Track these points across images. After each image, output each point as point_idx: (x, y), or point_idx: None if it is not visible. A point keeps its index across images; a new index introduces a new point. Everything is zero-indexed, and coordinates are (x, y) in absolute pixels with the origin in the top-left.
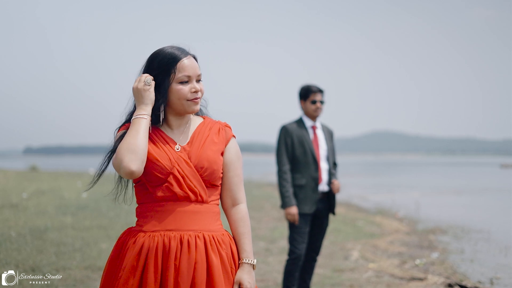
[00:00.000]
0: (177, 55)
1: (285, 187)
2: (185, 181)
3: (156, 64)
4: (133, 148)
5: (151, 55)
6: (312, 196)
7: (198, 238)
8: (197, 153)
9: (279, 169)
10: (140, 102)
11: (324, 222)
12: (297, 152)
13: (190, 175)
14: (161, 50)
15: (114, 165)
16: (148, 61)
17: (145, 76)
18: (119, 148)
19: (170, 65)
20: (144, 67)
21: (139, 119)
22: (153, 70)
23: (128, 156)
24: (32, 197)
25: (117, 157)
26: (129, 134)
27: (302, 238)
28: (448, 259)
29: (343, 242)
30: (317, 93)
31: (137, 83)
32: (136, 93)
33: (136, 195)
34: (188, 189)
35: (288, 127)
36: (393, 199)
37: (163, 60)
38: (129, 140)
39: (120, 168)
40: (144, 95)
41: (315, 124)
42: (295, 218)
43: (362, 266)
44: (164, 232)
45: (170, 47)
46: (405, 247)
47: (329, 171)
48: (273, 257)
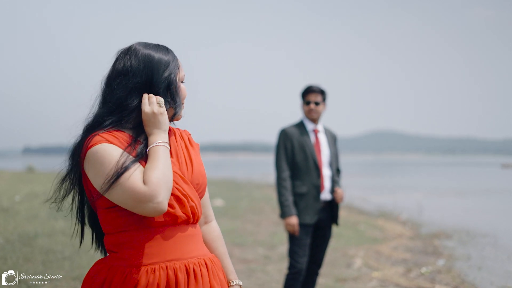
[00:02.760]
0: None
1: (284, 196)
2: (188, 202)
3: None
4: (170, 185)
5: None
6: (313, 205)
7: (201, 265)
8: (188, 168)
9: (278, 176)
10: (158, 128)
11: (326, 233)
12: (298, 158)
13: (191, 194)
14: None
15: (136, 195)
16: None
17: (155, 98)
18: (156, 179)
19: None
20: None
21: (165, 149)
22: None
23: (165, 192)
24: (24, 200)
25: (151, 189)
26: (161, 164)
27: (303, 251)
28: (455, 266)
29: (345, 247)
30: (312, 94)
31: (151, 107)
32: (152, 117)
33: (109, 221)
34: (190, 210)
35: (288, 131)
36: (395, 201)
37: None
38: (166, 173)
39: (148, 203)
40: (162, 119)
41: (317, 127)
42: (295, 229)
43: (365, 275)
44: (166, 264)
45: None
46: (409, 253)
47: (332, 178)
48: (273, 265)
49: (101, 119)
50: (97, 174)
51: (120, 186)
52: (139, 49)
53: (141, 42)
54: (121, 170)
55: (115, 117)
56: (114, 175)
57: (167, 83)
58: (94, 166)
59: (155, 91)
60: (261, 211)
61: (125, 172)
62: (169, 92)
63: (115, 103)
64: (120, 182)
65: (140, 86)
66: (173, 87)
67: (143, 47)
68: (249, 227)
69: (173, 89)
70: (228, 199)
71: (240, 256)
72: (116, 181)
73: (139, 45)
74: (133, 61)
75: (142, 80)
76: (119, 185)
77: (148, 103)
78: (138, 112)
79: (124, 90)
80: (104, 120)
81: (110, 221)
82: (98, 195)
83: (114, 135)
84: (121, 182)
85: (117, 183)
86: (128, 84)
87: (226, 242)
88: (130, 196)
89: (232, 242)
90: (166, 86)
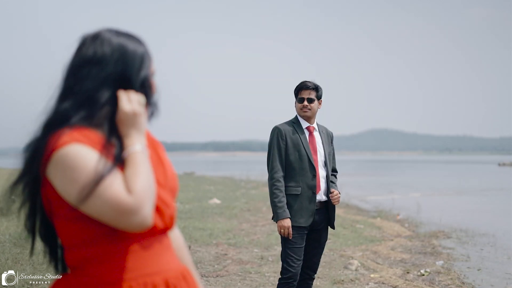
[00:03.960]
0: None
1: (278, 197)
2: (166, 210)
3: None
4: (154, 195)
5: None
6: (308, 207)
7: (180, 279)
8: (161, 171)
9: (271, 176)
10: (136, 129)
11: (322, 236)
12: (292, 157)
13: (168, 201)
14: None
15: (119, 206)
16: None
17: (136, 95)
18: (142, 187)
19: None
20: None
21: (146, 153)
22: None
23: (150, 203)
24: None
25: (137, 200)
26: (144, 171)
27: (297, 255)
28: (454, 267)
29: (342, 248)
30: (306, 90)
31: (132, 105)
32: (132, 117)
33: (73, 233)
34: (169, 219)
35: (282, 128)
36: (393, 200)
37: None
38: (150, 181)
39: (133, 215)
40: (142, 120)
41: (312, 125)
42: (288, 231)
43: (363, 277)
44: (144, 279)
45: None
46: (407, 253)
47: (327, 178)
48: (268, 267)
49: (66, 115)
50: (68, 182)
51: (99, 197)
52: (110, 36)
53: (111, 29)
54: (100, 177)
55: (83, 112)
56: (92, 183)
57: (143, 78)
58: (64, 172)
59: (129, 86)
60: (258, 211)
61: (105, 180)
62: (144, 89)
63: (83, 95)
64: (99, 191)
65: (112, 78)
66: (148, 83)
67: (115, 35)
68: (245, 227)
69: (148, 86)
70: (225, 198)
71: (235, 257)
72: (95, 190)
73: (109, 32)
74: (105, 48)
75: (115, 72)
76: (98, 195)
77: (128, 101)
78: (108, 108)
79: (94, 81)
80: (70, 115)
81: (75, 233)
82: (61, 205)
83: (85, 135)
84: (101, 191)
85: (96, 193)
86: (100, 75)
87: (221, 242)
88: (112, 208)
89: (227, 243)
90: (141, 82)
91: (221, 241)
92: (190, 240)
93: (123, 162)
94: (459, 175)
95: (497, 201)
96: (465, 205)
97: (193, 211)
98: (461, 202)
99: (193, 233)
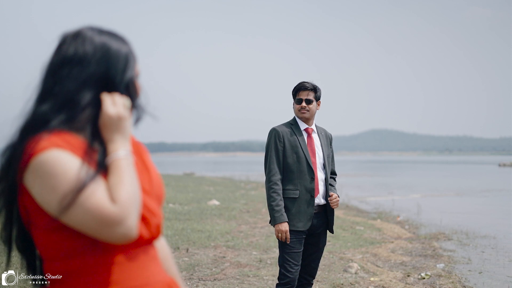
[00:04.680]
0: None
1: (275, 200)
2: (152, 219)
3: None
4: (139, 204)
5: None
6: (306, 210)
7: None
8: (146, 178)
9: (269, 179)
10: (121, 134)
11: (320, 241)
12: (289, 160)
13: (155, 209)
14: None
15: (103, 217)
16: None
17: (121, 98)
18: (127, 197)
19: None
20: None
21: (131, 159)
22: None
23: (136, 214)
24: None
25: (121, 210)
26: (129, 178)
27: (295, 260)
28: (455, 270)
29: (342, 250)
30: (304, 91)
31: (117, 108)
32: (117, 121)
33: (52, 245)
34: (155, 228)
35: (279, 130)
36: (393, 201)
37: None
38: (135, 189)
39: (117, 226)
40: (127, 125)
41: (310, 127)
42: (286, 236)
43: (363, 280)
44: None
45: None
46: (408, 256)
47: (326, 181)
48: (267, 270)
49: (45, 118)
50: (47, 191)
51: (81, 207)
52: (92, 34)
53: (93, 27)
54: (82, 185)
55: (63, 115)
56: (73, 192)
57: (127, 80)
58: (42, 180)
59: (113, 88)
60: (257, 212)
61: (87, 188)
62: (128, 91)
63: (63, 97)
64: (81, 201)
65: (94, 78)
66: (133, 85)
67: (97, 33)
68: (244, 228)
69: (133, 88)
70: (224, 199)
71: (233, 260)
72: (76, 200)
73: (91, 30)
74: (87, 47)
75: (98, 72)
76: (79, 205)
77: (113, 104)
78: (90, 111)
79: (75, 82)
80: (49, 118)
81: (54, 244)
82: (40, 215)
83: (66, 140)
84: (83, 201)
85: (78, 203)
86: (81, 75)
87: (219, 245)
88: (95, 219)
89: (225, 245)
90: (126, 83)
91: (220, 243)
92: (188, 242)
93: (106, 169)
94: (459, 176)
95: (497, 202)
96: (465, 206)
97: (191, 212)
98: (462, 203)
99: (191, 235)
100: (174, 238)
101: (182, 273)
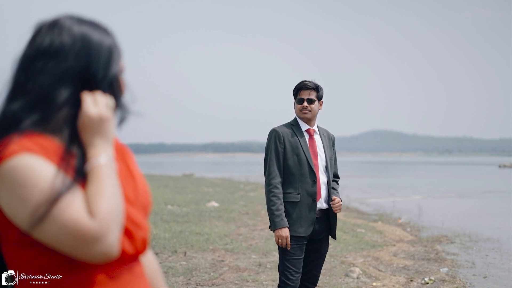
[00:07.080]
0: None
1: (275, 205)
2: (137, 232)
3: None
4: (121, 218)
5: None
6: (308, 215)
7: None
8: (131, 186)
9: (268, 182)
10: (102, 137)
11: (322, 247)
12: (290, 162)
13: (140, 221)
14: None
15: (80, 232)
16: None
17: (103, 97)
18: (107, 210)
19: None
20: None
21: (113, 166)
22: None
23: (117, 229)
24: None
25: (101, 225)
26: (110, 189)
27: (295, 267)
28: (459, 274)
29: (343, 253)
30: (305, 90)
31: (98, 108)
32: (98, 123)
33: (24, 261)
34: (141, 242)
35: (279, 131)
36: (393, 203)
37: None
38: (117, 201)
39: (95, 244)
40: (109, 127)
41: (312, 128)
42: (287, 242)
43: (365, 285)
44: None
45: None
46: (410, 259)
47: (329, 185)
48: (266, 274)
49: (15, 117)
50: (16, 202)
51: (55, 221)
52: (71, 24)
53: (72, 16)
54: (57, 196)
55: (37, 115)
56: (46, 204)
57: (111, 76)
58: (11, 189)
59: (95, 85)
60: (257, 214)
61: (62, 199)
62: (112, 89)
63: (36, 94)
64: (55, 214)
65: (72, 73)
66: (117, 82)
67: (76, 22)
68: (243, 231)
69: (117, 86)
70: (223, 200)
71: (232, 264)
72: (50, 212)
73: (70, 20)
74: (64, 38)
75: (77, 66)
76: (53, 218)
77: (94, 103)
78: (68, 110)
79: (50, 77)
80: (20, 118)
81: (27, 261)
82: (9, 228)
83: (39, 143)
84: (57, 214)
85: (51, 216)
86: (57, 69)
87: (218, 248)
88: (71, 234)
89: (224, 248)
90: (109, 81)
91: (218, 246)
92: (186, 245)
93: (85, 177)
94: (460, 177)
95: (499, 204)
96: (467, 208)
97: (190, 214)
98: (463, 204)
99: (189, 238)
100: (172, 241)
101: (179, 278)
